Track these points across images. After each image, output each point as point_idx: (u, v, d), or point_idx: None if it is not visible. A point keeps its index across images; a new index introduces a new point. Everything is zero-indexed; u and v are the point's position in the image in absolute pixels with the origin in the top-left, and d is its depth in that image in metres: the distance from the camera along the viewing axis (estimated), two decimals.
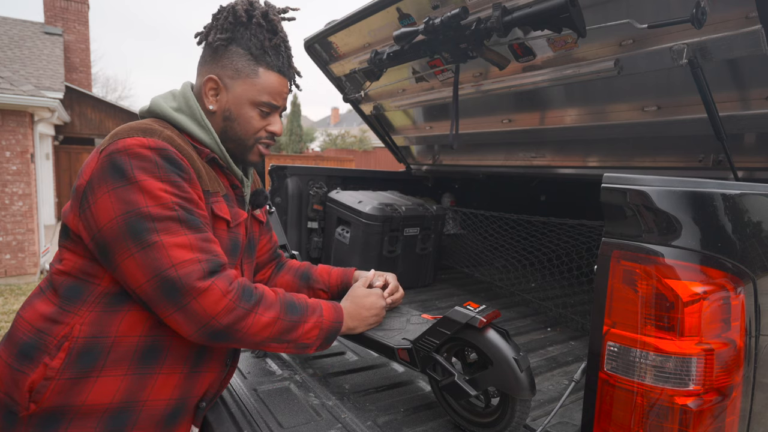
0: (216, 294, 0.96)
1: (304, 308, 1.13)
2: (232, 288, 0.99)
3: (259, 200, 1.31)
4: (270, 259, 1.53)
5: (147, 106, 1.15)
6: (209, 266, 0.97)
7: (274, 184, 2.81)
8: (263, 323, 1.03)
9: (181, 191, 0.99)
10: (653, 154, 2.01)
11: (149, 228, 0.94)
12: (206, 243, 0.99)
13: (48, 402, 0.96)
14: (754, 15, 1.32)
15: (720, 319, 0.87)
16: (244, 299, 1.01)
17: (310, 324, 1.12)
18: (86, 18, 11.98)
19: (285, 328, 1.07)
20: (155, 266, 0.93)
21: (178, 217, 0.96)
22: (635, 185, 0.88)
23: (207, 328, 0.97)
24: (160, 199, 0.95)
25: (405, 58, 2.00)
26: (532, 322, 2.25)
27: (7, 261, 7.03)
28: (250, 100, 1.13)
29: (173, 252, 0.94)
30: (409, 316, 1.52)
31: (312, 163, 15.99)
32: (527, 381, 1.12)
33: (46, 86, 8.69)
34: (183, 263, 0.94)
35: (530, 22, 1.52)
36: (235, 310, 0.98)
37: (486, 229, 2.88)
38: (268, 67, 1.13)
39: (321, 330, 1.14)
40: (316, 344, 1.15)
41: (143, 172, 0.95)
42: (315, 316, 1.14)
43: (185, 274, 0.94)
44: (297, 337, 1.10)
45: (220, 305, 0.96)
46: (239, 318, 0.99)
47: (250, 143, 1.17)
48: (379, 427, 1.27)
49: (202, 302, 0.95)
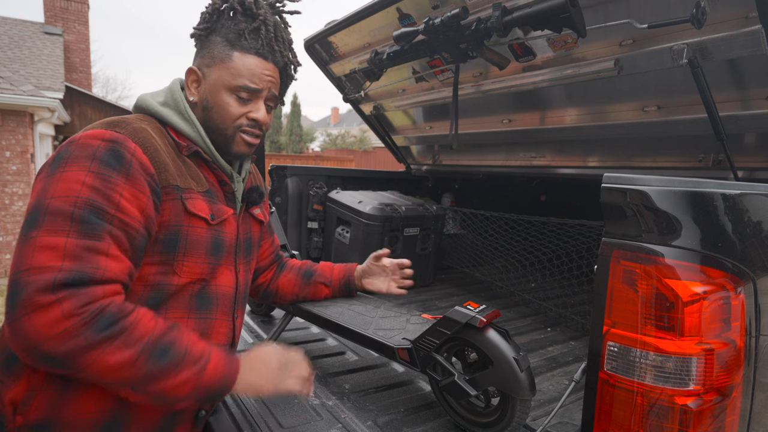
0: (53, 314, 0.78)
1: (180, 357, 0.90)
2: (83, 311, 0.80)
3: (253, 197, 1.24)
4: (272, 263, 1.51)
5: (135, 102, 1.14)
6: (67, 278, 0.80)
7: (274, 184, 2.81)
8: (110, 364, 0.82)
9: (104, 186, 0.89)
10: (653, 154, 2.01)
11: (38, 221, 0.84)
12: (87, 252, 0.84)
13: (35, 415, 0.92)
14: (754, 15, 1.32)
15: (720, 319, 0.87)
16: (94, 328, 0.81)
17: (183, 377, 0.89)
18: (86, 18, 11.98)
19: (142, 376, 0.85)
20: (18, 264, 0.82)
21: (73, 216, 0.85)
22: (635, 185, 0.87)
23: (36, 353, 0.80)
24: (69, 191, 0.86)
25: (405, 58, 2.00)
26: (532, 322, 2.25)
27: (7, 261, 7.03)
28: (225, 86, 1.08)
29: (39, 254, 0.81)
30: (409, 316, 1.52)
31: (312, 163, 16.00)
32: (527, 381, 1.12)
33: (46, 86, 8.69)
34: (39, 269, 0.80)
35: (530, 22, 1.52)
36: (76, 338, 0.80)
37: (486, 229, 2.88)
38: (244, 50, 1.08)
39: (197, 388, 0.91)
40: (182, 403, 0.93)
41: (74, 162, 0.90)
42: (193, 369, 0.91)
43: (31, 282, 0.79)
44: (158, 391, 0.88)
45: (55, 329, 0.78)
46: (78, 350, 0.80)
47: (230, 132, 1.11)
48: (379, 427, 1.27)
49: (34, 320, 0.78)
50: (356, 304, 1.61)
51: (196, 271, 1.05)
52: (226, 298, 1.14)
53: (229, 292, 1.15)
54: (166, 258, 1.00)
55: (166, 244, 1.00)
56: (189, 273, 1.04)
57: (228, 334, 1.17)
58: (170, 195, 1.00)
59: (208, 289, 1.09)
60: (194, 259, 1.05)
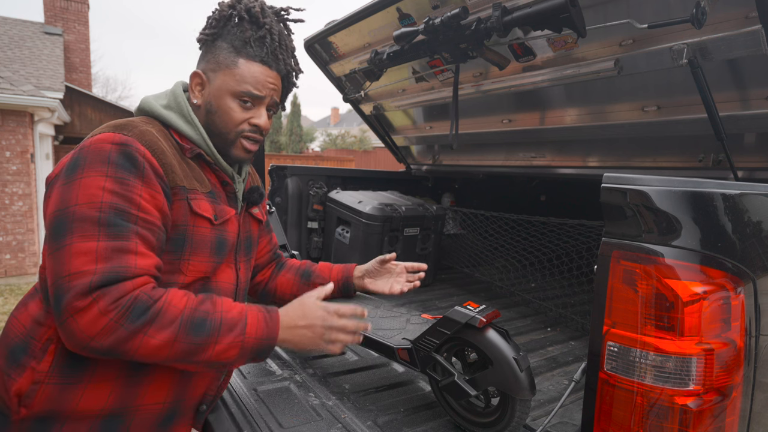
0: (92, 313, 0.86)
1: (215, 327, 0.96)
2: (117, 305, 0.87)
3: (253, 197, 1.28)
4: (270, 260, 1.52)
5: (138, 105, 1.16)
6: (101, 279, 0.87)
7: (274, 184, 2.81)
8: (154, 346, 0.90)
9: (124, 190, 0.93)
10: (653, 154, 2.01)
11: (68, 229, 0.89)
12: (117, 253, 0.90)
13: (39, 407, 0.95)
14: (754, 15, 1.32)
15: (720, 319, 0.87)
16: (130, 318, 0.88)
17: (224, 345, 0.96)
18: (86, 18, 11.98)
19: (186, 350, 0.93)
20: (57, 271, 0.88)
21: (100, 221, 0.90)
22: (635, 185, 0.88)
23: (88, 348, 0.88)
24: (92, 197, 0.91)
25: (405, 58, 2.00)
26: (532, 322, 2.25)
27: (7, 261, 7.03)
28: (230, 91, 1.11)
29: (75, 260, 0.88)
30: (409, 316, 1.52)
31: (312, 163, 15.99)
32: (527, 381, 1.12)
33: (46, 86, 8.68)
34: (78, 275, 0.87)
35: (530, 22, 1.52)
36: (117, 330, 0.87)
37: (486, 229, 2.88)
38: (248, 57, 1.11)
39: (243, 349, 0.98)
40: (239, 362, 1.01)
41: (90, 168, 0.93)
42: (232, 334, 0.97)
43: (72, 287, 0.86)
44: (206, 359, 0.96)
45: (97, 326, 0.86)
46: (123, 340, 0.88)
47: (232, 137, 1.13)
48: (379, 427, 1.27)
49: (79, 321, 0.86)
50: (356, 304, 1.61)
51: (201, 269, 1.09)
52: (227, 294, 1.17)
53: (230, 289, 1.18)
54: (174, 257, 1.04)
55: (173, 243, 1.03)
56: (194, 272, 1.07)
57: None
58: (177, 195, 1.03)
59: (210, 285, 1.12)
60: (199, 258, 1.08)
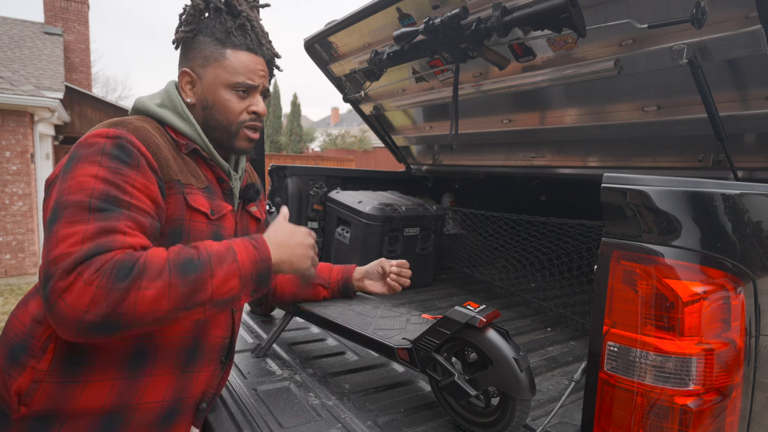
0: (78, 287, 0.83)
1: (205, 262, 0.93)
2: (100, 271, 0.84)
3: (249, 194, 1.28)
4: None
5: (133, 105, 1.16)
6: (84, 255, 0.84)
7: (274, 184, 2.81)
8: (151, 297, 0.86)
9: (116, 177, 0.92)
10: (653, 154, 2.01)
11: (58, 216, 0.88)
12: (104, 233, 0.88)
13: (38, 405, 0.96)
14: (754, 15, 1.32)
15: (720, 319, 0.87)
16: (117, 279, 0.84)
17: (221, 277, 0.93)
18: (86, 18, 11.97)
19: (185, 293, 0.90)
20: (44, 257, 0.86)
21: (90, 206, 0.89)
22: (635, 185, 0.88)
23: (85, 326, 0.83)
24: (83, 184, 0.90)
25: (405, 58, 2.00)
26: (532, 322, 2.25)
27: (7, 261, 7.03)
28: (224, 83, 1.11)
29: (61, 243, 0.85)
30: (409, 316, 1.52)
31: (312, 163, 15.98)
32: (527, 381, 1.12)
33: (46, 86, 8.68)
34: (63, 256, 0.84)
35: (530, 22, 1.52)
36: (109, 294, 0.83)
37: (486, 229, 2.88)
38: (235, 47, 1.11)
39: (242, 277, 0.96)
40: (245, 294, 0.98)
41: (84, 160, 0.93)
42: (225, 264, 0.94)
43: (57, 269, 0.84)
44: (209, 297, 0.92)
45: (85, 297, 0.82)
46: (117, 301, 0.84)
47: (234, 128, 1.14)
48: (379, 427, 1.27)
49: (67, 299, 0.83)
50: (356, 304, 1.61)
51: None
52: None
53: None
54: None
55: (170, 238, 1.03)
56: None
57: (227, 326, 1.20)
58: (173, 189, 1.03)
59: None
60: None
